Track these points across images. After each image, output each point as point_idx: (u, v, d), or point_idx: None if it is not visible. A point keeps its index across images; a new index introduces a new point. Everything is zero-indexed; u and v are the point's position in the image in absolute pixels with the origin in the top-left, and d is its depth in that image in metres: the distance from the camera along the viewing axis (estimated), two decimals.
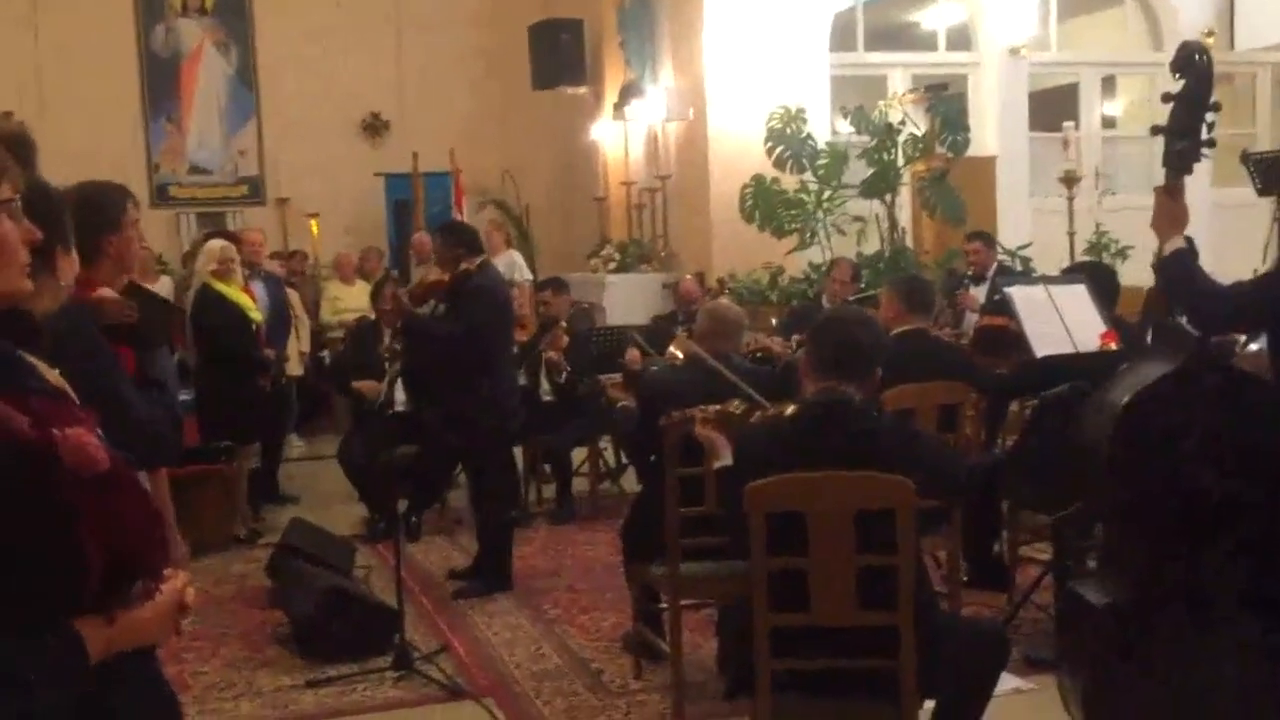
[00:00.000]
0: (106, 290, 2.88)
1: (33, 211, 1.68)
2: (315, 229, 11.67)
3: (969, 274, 7.55)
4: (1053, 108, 11.31)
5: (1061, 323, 4.82)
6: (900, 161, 8.99)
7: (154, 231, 10.07)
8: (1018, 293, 5.05)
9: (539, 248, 11.87)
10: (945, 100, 9.57)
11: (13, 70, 10.96)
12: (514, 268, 9.70)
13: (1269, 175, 8.16)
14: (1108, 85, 12.26)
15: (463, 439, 5.76)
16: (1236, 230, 9.41)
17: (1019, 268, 8.55)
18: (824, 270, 8.37)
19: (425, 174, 11.03)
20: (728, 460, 3.20)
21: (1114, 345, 4.72)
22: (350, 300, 9.70)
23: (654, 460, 4.22)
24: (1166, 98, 2.99)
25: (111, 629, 1.51)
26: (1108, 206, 10.10)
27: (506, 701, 4.29)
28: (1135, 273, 7.22)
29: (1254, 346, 3.80)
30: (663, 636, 4.34)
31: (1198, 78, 2.95)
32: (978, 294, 7.36)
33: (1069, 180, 8.63)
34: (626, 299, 10.09)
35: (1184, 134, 2.95)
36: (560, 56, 11.49)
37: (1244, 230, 9.18)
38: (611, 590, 5.33)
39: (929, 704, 3.07)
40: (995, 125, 10.83)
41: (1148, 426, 2.80)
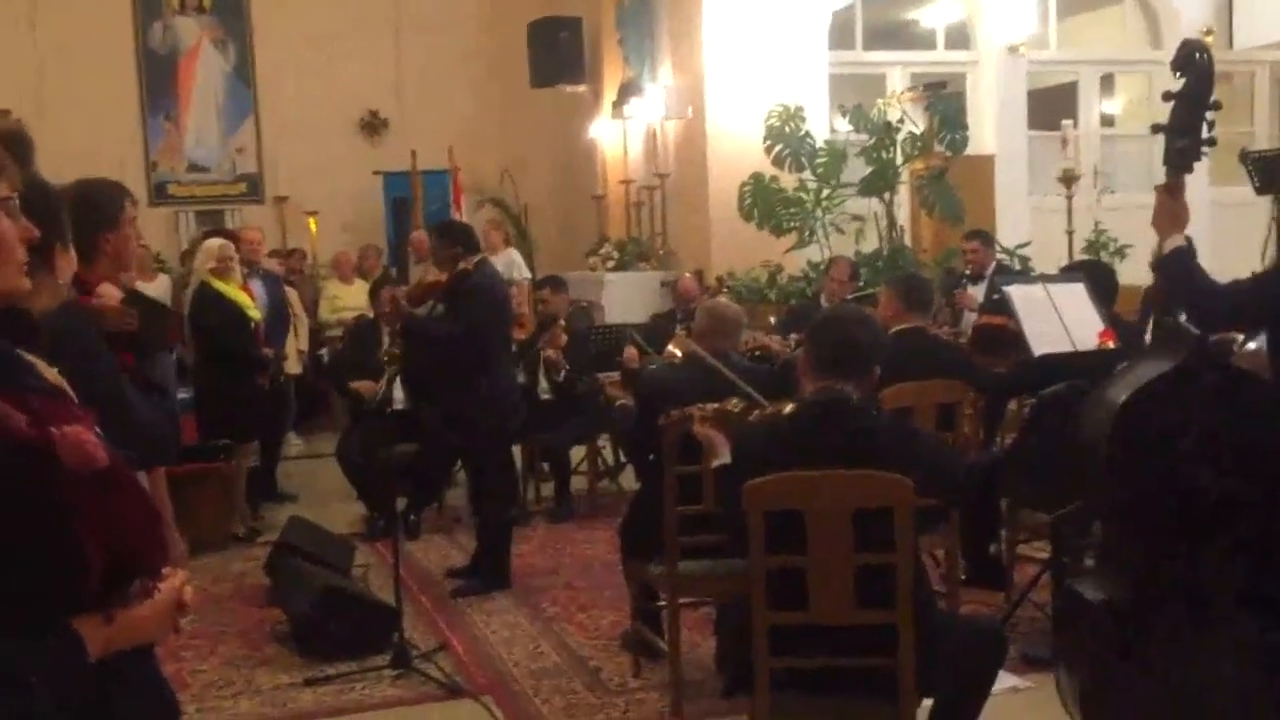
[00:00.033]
0: (107, 290, 2.87)
1: (30, 209, 1.68)
2: (314, 227, 11.67)
3: (967, 273, 7.54)
4: (1051, 106, 11.30)
5: (1060, 321, 4.83)
6: (899, 160, 8.99)
7: (152, 230, 10.05)
8: (1016, 291, 5.05)
9: (538, 246, 11.86)
10: (944, 99, 9.55)
11: (11, 68, 10.95)
12: (513, 266, 9.69)
13: (1267, 174, 8.15)
14: (1106, 84, 12.26)
15: (462, 438, 5.77)
16: (1235, 229, 9.42)
17: (1017, 266, 8.55)
18: (822, 269, 8.36)
19: (424, 172, 11.00)
20: (726, 458, 3.19)
21: (1112, 344, 4.72)
22: (349, 299, 9.68)
23: (652, 458, 4.22)
24: (1167, 96, 2.99)
25: (110, 628, 1.51)
26: (1106, 205, 10.10)
27: (505, 700, 4.29)
28: (1134, 271, 7.22)
29: (1252, 345, 3.80)
30: (661, 635, 4.34)
31: (1199, 76, 2.95)
32: (976, 293, 7.34)
33: (1067, 179, 8.62)
34: (625, 297, 10.08)
35: (1185, 132, 2.95)
36: (559, 54, 11.48)
37: (1242, 229, 9.19)
38: (610, 588, 5.33)
39: (927, 702, 3.08)
40: (994, 124, 10.83)
41: (1146, 425, 2.80)
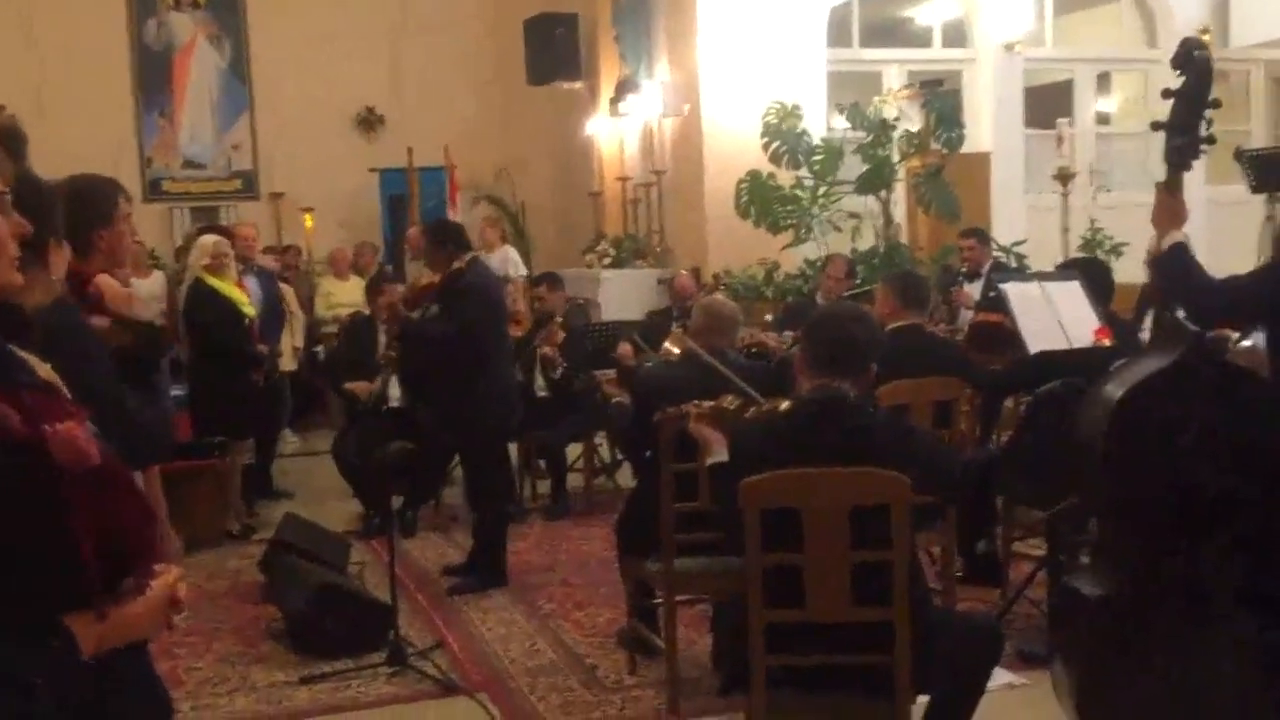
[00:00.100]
0: (106, 280, 2.87)
1: (23, 205, 1.68)
2: (309, 224, 11.65)
3: (963, 270, 7.53)
4: (1047, 104, 11.32)
5: (1056, 319, 4.83)
6: (895, 158, 9.00)
7: (147, 226, 10.05)
8: (1012, 289, 5.05)
9: (534, 243, 11.86)
10: (940, 96, 9.55)
11: (5, 64, 10.93)
12: (509, 263, 9.69)
13: (1262, 172, 8.17)
14: (1102, 82, 12.27)
15: (460, 436, 5.76)
16: (1230, 227, 9.44)
17: (1013, 264, 8.54)
18: (819, 266, 8.37)
19: (420, 169, 10.98)
20: (722, 456, 3.18)
21: (1108, 341, 4.72)
22: (344, 295, 9.67)
23: (649, 456, 4.21)
24: (1167, 94, 2.99)
25: (103, 625, 1.50)
26: (1102, 203, 10.12)
27: (501, 697, 4.28)
28: (1129, 269, 7.23)
29: (1247, 343, 3.81)
30: (657, 632, 4.34)
31: (1198, 74, 2.95)
32: (972, 290, 7.34)
33: (1063, 177, 8.64)
34: (621, 294, 10.07)
35: (1183, 130, 2.95)
36: (555, 51, 11.46)
37: (1238, 227, 9.21)
38: (606, 586, 5.32)
39: (922, 699, 3.07)
40: (990, 121, 10.83)
41: (1144, 421, 2.80)
